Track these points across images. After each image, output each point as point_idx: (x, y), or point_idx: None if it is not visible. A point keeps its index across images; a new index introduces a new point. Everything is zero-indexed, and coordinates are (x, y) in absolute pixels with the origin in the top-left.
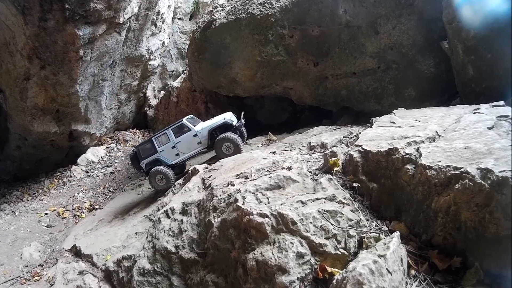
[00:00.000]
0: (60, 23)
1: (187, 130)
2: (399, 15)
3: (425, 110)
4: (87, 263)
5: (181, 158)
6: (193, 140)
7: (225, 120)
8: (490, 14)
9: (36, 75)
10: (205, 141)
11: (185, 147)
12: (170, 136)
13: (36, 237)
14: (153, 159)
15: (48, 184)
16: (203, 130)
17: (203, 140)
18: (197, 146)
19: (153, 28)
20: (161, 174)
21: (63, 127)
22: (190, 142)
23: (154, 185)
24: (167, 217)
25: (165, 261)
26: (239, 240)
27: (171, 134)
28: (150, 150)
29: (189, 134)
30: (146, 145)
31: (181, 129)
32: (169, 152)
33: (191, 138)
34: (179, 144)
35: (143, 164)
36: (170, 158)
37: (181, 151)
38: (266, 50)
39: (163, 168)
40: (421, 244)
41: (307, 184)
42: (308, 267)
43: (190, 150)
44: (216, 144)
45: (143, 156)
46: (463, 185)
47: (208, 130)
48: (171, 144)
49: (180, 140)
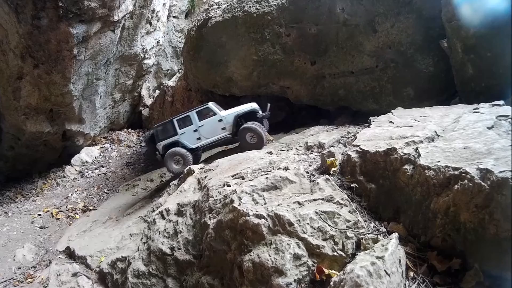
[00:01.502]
0: (53, 21)
1: (212, 114)
2: (398, 13)
3: (424, 110)
4: (81, 264)
5: (202, 142)
6: (217, 125)
7: (253, 108)
8: (489, 12)
9: (29, 74)
10: (230, 128)
11: (208, 132)
12: (194, 119)
13: (29, 238)
14: (172, 141)
15: (41, 184)
16: (229, 116)
17: (228, 126)
18: (220, 132)
19: (148, 26)
20: (178, 155)
21: (56, 127)
22: (214, 127)
23: (170, 168)
24: (162, 218)
25: (160, 262)
26: (235, 242)
27: (195, 117)
28: (169, 131)
29: (214, 119)
30: (166, 126)
31: (206, 112)
32: (190, 136)
33: (215, 123)
34: (202, 128)
35: (159, 146)
36: (191, 142)
37: (203, 136)
38: (262, 48)
39: (182, 150)
40: (419, 245)
41: (304, 185)
42: (305, 269)
43: (212, 136)
44: (240, 132)
45: (161, 138)
46: (463, 185)
47: (234, 116)
48: (194, 127)
49: (204, 123)
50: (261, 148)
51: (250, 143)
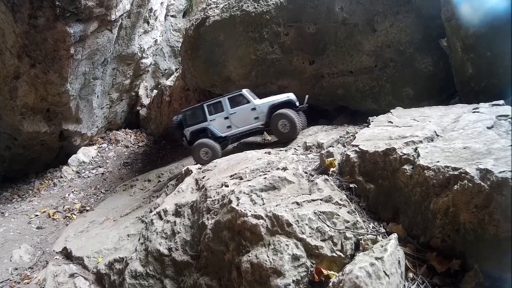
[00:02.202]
0: (50, 20)
1: (245, 102)
2: (397, 12)
3: (423, 110)
4: (78, 265)
5: (232, 131)
6: (250, 113)
7: (290, 98)
8: (489, 11)
9: (26, 73)
10: (263, 117)
11: (240, 120)
12: (225, 105)
13: (26, 239)
14: (201, 127)
15: (38, 185)
16: (264, 105)
17: (261, 115)
18: (253, 121)
19: (146, 25)
20: (207, 147)
21: (53, 127)
22: (246, 116)
23: (197, 159)
24: (159, 219)
25: (158, 263)
26: (233, 242)
27: (227, 103)
28: (198, 117)
29: (247, 107)
30: (195, 111)
31: (239, 100)
32: (220, 123)
33: (248, 112)
34: (234, 115)
35: (187, 132)
36: (220, 130)
37: (234, 124)
38: (261, 48)
39: (210, 141)
40: (419, 246)
41: (303, 185)
42: (303, 270)
43: (244, 125)
44: (273, 119)
45: (189, 123)
46: (462, 186)
47: (269, 105)
48: (225, 114)
49: (236, 111)
50: (294, 138)
51: (282, 132)
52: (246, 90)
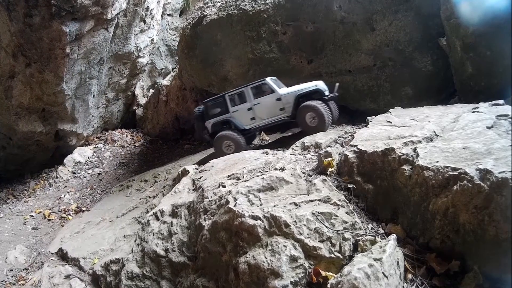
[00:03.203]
0: (46, 19)
1: (269, 92)
2: (396, 11)
3: (423, 109)
4: (73, 266)
5: (256, 123)
6: (275, 104)
7: (318, 87)
8: (489, 10)
9: (21, 73)
10: (289, 108)
11: (264, 112)
12: (248, 96)
13: (21, 240)
14: (223, 119)
15: (33, 185)
16: (289, 94)
17: (287, 106)
18: (278, 112)
19: (142, 24)
20: (229, 139)
21: (49, 127)
22: (271, 107)
23: (219, 152)
24: (156, 220)
25: (154, 264)
26: (230, 243)
27: (250, 94)
28: (220, 108)
29: (272, 97)
30: (217, 102)
31: (262, 89)
32: (243, 115)
33: (273, 102)
34: (258, 106)
35: (209, 124)
36: (243, 122)
37: (258, 116)
38: (258, 47)
39: (233, 133)
40: (418, 247)
41: (301, 186)
42: (301, 271)
43: (269, 116)
44: (299, 112)
45: (210, 115)
46: (462, 186)
47: (295, 96)
48: (248, 105)
49: (260, 102)
50: (322, 130)
51: (310, 125)
52: (271, 78)
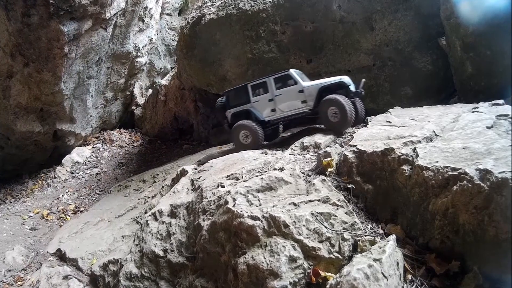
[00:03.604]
0: (44, 18)
1: (292, 83)
2: (395, 10)
3: (422, 109)
4: (72, 267)
5: (277, 115)
6: (297, 96)
7: (342, 81)
8: (489, 10)
9: (19, 72)
10: (311, 101)
11: (285, 104)
12: (270, 86)
13: (19, 240)
14: (243, 109)
15: (31, 185)
16: (312, 87)
17: (309, 99)
18: (300, 105)
19: (141, 24)
20: (247, 129)
21: (47, 127)
22: (292, 99)
23: (236, 144)
24: (155, 220)
25: (153, 265)
26: (229, 244)
27: (272, 84)
28: (241, 98)
29: (294, 89)
30: (239, 91)
31: (285, 80)
32: (264, 105)
33: (295, 94)
34: (279, 97)
35: (229, 114)
36: (264, 113)
37: (279, 107)
38: (257, 46)
39: (251, 123)
40: (418, 247)
41: (300, 186)
42: (301, 272)
43: (290, 109)
44: (321, 106)
45: (232, 104)
46: (461, 186)
47: (318, 88)
48: (269, 96)
49: (282, 93)
50: (344, 129)
51: (331, 121)
52: (294, 70)
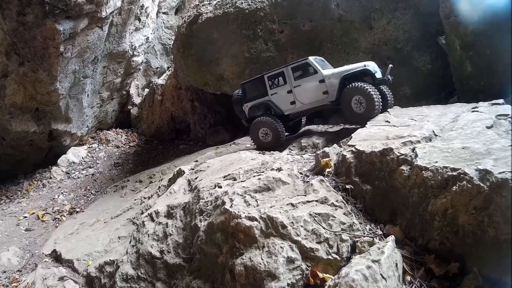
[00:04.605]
0: (39, 17)
1: (312, 72)
2: (394, 9)
3: (421, 109)
4: (67, 268)
5: (297, 108)
6: (318, 87)
7: (366, 67)
8: (489, 8)
9: (15, 72)
10: (333, 92)
11: (305, 95)
12: (288, 77)
13: (14, 241)
14: (261, 102)
15: (27, 186)
16: (334, 75)
17: (331, 90)
18: (321, 96)
19: (137, 23)
20: (266, 127)
21: (42, 126)
22: (313, 89)
23: (256, 141)
24: (151, 221)
25: (149, 266)
26: (226, 245)
27: (290, 74)
28: (259, 90)
29: (314, 78)
30: (255, 83)
31: (305, 70)
32: (283, 98)
33: (315, 84)
34: (298, 89)
35: (246, 108)
36: (283, 106)
37: (298, 99)
38: (255, 45)
39: (270, 120)
40: (417, 248)
41: (298, 186)
42: (299, 273)
43: (310, 100)
44: (344, 96)
45: (249, 97)
46: (461, 187)
47: (340, 77)
48: (288, 88)
49: (301, 84)
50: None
51: (356, 111)
52: (315, 58)
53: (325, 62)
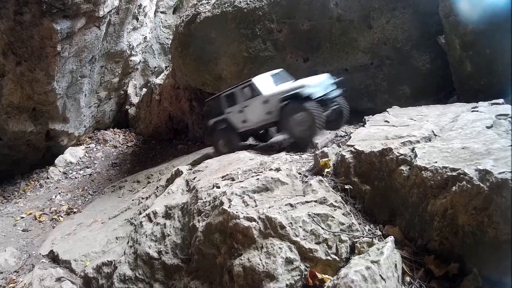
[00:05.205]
0: (36, 17)
1: (256, 93)
2: (393, 8)
3: (421, 109)
4: (65, 269)
5: (248, 126)
6: (262, 107)
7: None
8: (488, 8)
9: (12, 71)
10: (276, 112)
11: (253, 115)
12: (238, 97)
13: (11, 242)
14: (221, 119)
15: (24, 186)
16: (275, 96)
17: (273, 110)
18: (266, 116)
19: (135, 22)
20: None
21: (39, 126)
22: (258, 110)
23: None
24: (149, 221)
25: (147, 267)
26: (225, 245)
27: (239, 95)
28: (219, 108)
29: (258, 99)
30: (216, 102)
31: (251, 90)
32: (236, 117)
33: (259, 105)
34: (247, 109)
35: (211, 122)
36: (237, 124)
37: (248, 118)
38: (253, 45)
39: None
40: (416, 249)
41: (297, 186)
42: (297, 274)
43: (258, 120)
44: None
45: (212, 114)
46: (461, 187)
47: (278, 99)
48: (239, 108)
49: (248, 104)
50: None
51: (296, 131)
52: (261, 76)
53: (283, 76)
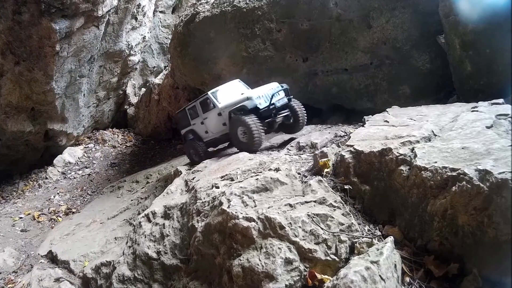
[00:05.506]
0: (35, 16)
1: (212, 106)
2: (393, 8)
3: (420, 108)
4: (63, 269)
5: (210, 136)
6: (218, 119)
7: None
8: (489, 7)
9: (10, 71)
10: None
11: (212, 126)
12: (199, 110)
13: (10, 242)
14: (189, 130)
15: (22, 186)
16: (225, 109)
17: (227, 121)
18: (222, 127)
19: (134, 21)
20: (192, 148)
21: (38, 126)
22: (215, 121)
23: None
24: (148, 221)
25: (146, 267)
26: (224, 246)
27: (199, 108)
28: (186, 119)
29: (214, 111)
30: (183, 114)
31: (208, 103)
32: (199, 128)
33: (215, 117)
34: (206, 121)
35: (182, 132)
36: (201, 134)
37: (209, 129)
38: (252, 45)
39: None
40: (416, 249)
41: (296, 186)
42: (297, 274)
43: (217, 131)
44: (231, 126)
45: (181, 125)
46: (460, 187)
47: (228, 112)
48: (200, 119)
49: (207, 116)
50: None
51: (242, 141)
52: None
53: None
